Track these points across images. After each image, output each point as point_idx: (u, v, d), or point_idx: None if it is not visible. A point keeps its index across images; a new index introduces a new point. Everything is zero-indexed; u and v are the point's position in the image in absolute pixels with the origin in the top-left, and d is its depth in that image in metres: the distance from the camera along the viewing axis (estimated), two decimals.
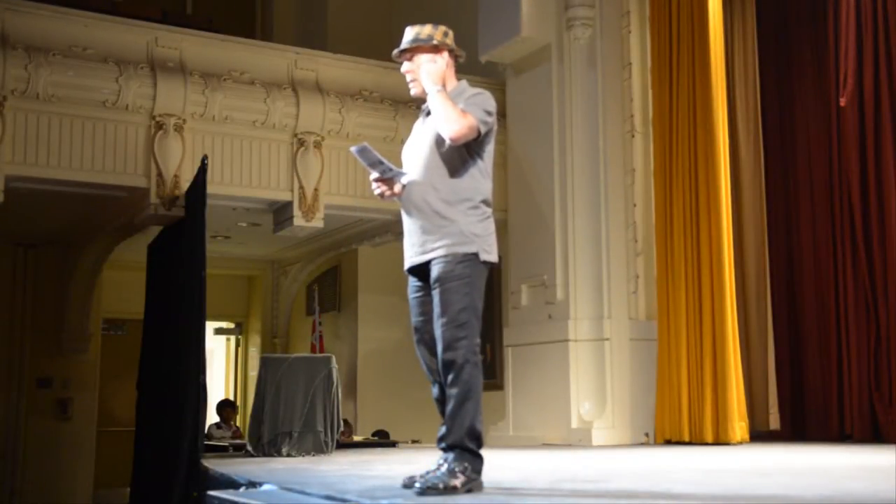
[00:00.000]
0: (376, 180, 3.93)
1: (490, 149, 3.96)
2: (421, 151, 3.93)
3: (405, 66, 4.04)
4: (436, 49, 4.00)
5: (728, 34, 9.05)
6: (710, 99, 8.19)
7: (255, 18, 13.68)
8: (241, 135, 8.68)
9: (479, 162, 3.91)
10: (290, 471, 5.44)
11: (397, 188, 3.93)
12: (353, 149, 3.91)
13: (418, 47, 4.00)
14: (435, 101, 3.86)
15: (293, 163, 8.83)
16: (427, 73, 3.93)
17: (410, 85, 4.05)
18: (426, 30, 4.01)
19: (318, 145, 8.92)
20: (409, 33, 4.03)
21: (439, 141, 3.86)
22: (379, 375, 11.15)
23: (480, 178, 3.90)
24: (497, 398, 9.06)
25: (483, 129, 3.85)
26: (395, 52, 4.06)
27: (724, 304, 7.92)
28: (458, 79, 4.06)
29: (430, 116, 3.99)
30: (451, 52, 4.03)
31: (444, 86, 3.93)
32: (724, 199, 8.07)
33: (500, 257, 4.10)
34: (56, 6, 8.23)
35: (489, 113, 3.88)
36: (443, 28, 4.04)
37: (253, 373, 11.80)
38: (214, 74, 8.54)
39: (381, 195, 3.96)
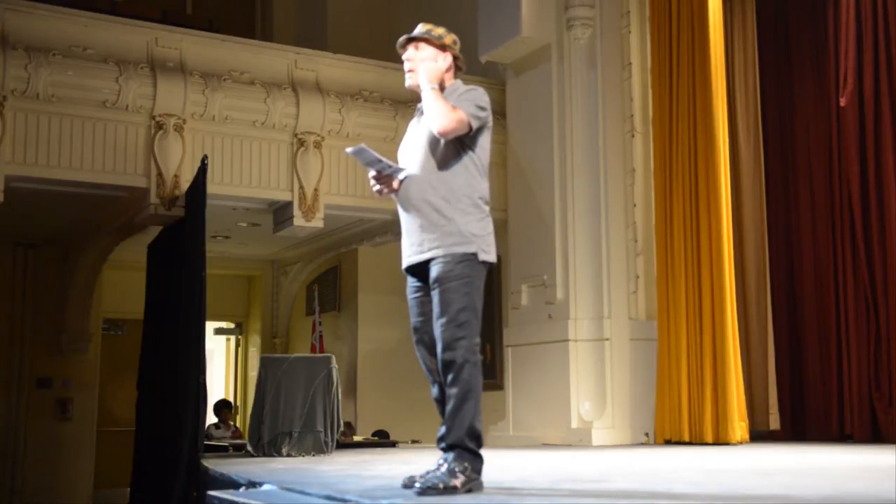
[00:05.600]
0: (374, 178, 3.93)
1: (486, 146, 3.96)
2: (417, 151, 3.93)
3: (408, 53, 4.03)
4: (442, 48, 4.01)
5: (728, 34, 9.05)
6: (710, 99, 8.19)
7: (255, 18, 13.68)
8: (241, 135, 8.68)
9: (476, 160, 3.90)
10: (290, 471, 5.44)
11: (396, 184, 3.93)
12: (349, 150, 3.91)
13: (427, 40, 4.00)
14: (427, 97, 3.87)
15: (293, 163, 8.84)
16: (425, 69, 3.94)
17: (407, 75, 4.04)
18: (439, 29, 4.04)
19: (318, 145, 8.92)
20: (422, 27, 4.05)
21: (435, 140, 3.86)
22: (379, 375, 11.15)
23: (478, 176, 3.90)
24: (497, 398, 9.06)
25: (475, 124, 3.85)
26: (403, 38, 4.05)
27: (724, 304, 7.91)
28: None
29: (424, 116, 4.00)
30: (455, 57, 4.04)
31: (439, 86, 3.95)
32: (724, 199, 8.07)
33: (499, 257, 4.11)
34: (56, 6, 8.24)
35: (482, 108, 3.88)
36: (454, 35, 4.07)
37: (253, 373, 11.80)
38: (214, 74, 8.55)
39: (380, 192, 3.96)
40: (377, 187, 3.95)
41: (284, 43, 10.55)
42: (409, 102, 9.07)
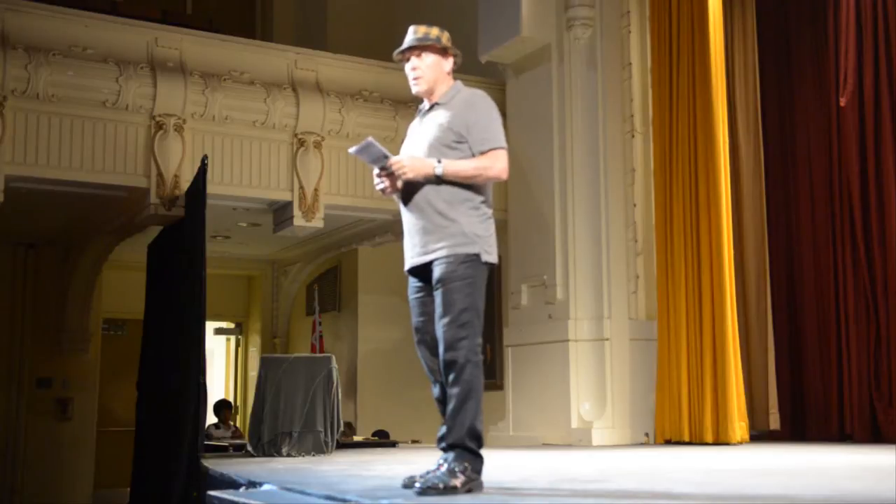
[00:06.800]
0: (379, 175, 3.92)
1: None
2: (420, 152, 3.92)
3: (412, 63, 4.01)
4: (444, 52, 4.01)
5: (728, 34, 9.05)
6: (710, 99, 8.19)
7: (255, 18, 13.69)
8: (241, 135, 8.68)
9: None
10: (290, 471, 5.44)
11: (400, 183, 3.91)
12: (352, 150, 3.90)
13: (429, 46, 4.00)
14: (458, 175, 3.80)
15: (293, 163, 8.84)
16: (413, 169, 3.81)
17: (414, 82, 4.03)
18: (434, 31, 4.02)
19: (318, 145, 8.92)
20: (417, 32, 4.02)
21: (438, 142, 3.87)
22: (379, 375, 11.15)
23: None
24: (497, 398, 9.06)
25: (504, 142, 3.87)
26: (400, 49, 4.04)
27: (724, 304, 7.91)
28: (455, 79, 4.08)
29: (427, 117, 4.00)
30: (455, 56, 4.05)
31: (440, 98, 3.96)
32: (724, 199, 8.07)
33: (500, 257, 4.10)
34: (56, 6, 8.23)
35: (499, 120, 3.92)
36: (446, 32, 4.06)
37: (253, 373, 11.80)
38: (214, 74, 8.55)
39: (384, 191, 3.94)
40: (381, 185, 3.93)
41: (284, 43, 10.55)
42: (409, 102, 9.06)
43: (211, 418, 10.21)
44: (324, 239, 11.00)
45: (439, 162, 3.80)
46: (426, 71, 3.98)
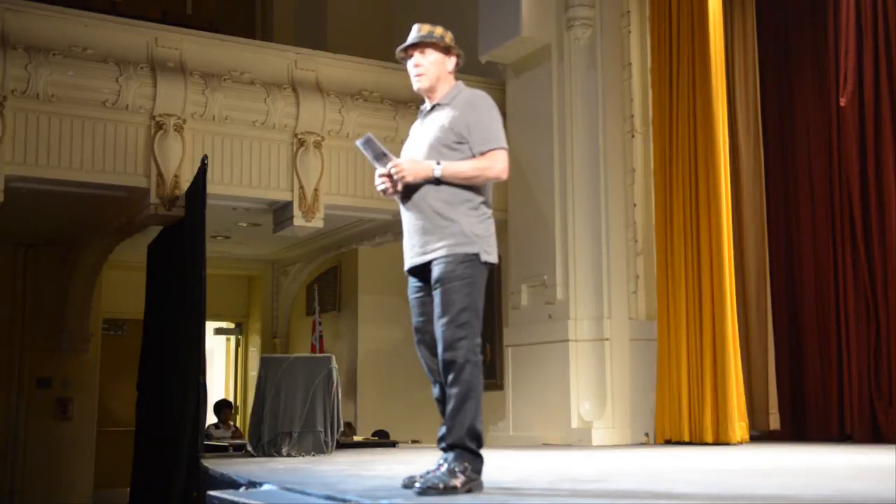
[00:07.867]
0: (382, 175, 3.91)
1: None
2: (420, 153, 3.93)
3: (416, 59, 4.00)
4: (446, 50, 4.01)
5: (728, 34, 9.05)
6: (710, 99, 8.19)
7: (255, 18, 13.70)
8: (241, 135, 8.68)
9: None
10: (290, 471, 5.44)
11: (400, 185, 3.90)
12: (358, 142, 3.91)
13: (432, 43, 4.00)
14: (457, 177, 3.80)
15: (293, 163, 8.84)
16: (413, 171, 3.82)
17: (416, 79, 4.02)
18: (438, 30, 4.02)
19: (318, 145, 8.92)
20: (421, 30, 4.02)
21: (438, 143, 3.87)
22: (379, 375, 11.16)
23: None
24: (497, 398, 9.06)
25: (505, 142, 3.87)
26: (403, 46, 4.04)
27: (724, 304, 7.91)
28: (457, 79, 4.08)
29: (428, 118, 4.00)
30: (458, 56, 4.05)
31: (441, 98, 3.96)
32: (724, 200, 8.07)
33: (499, 257, 4.10)
34: (56, 6, 8.24)
35: (500, 120, 3.93)
36: (449, 32, 4.06)
37: (253, 373, 11.80)
38: (214, 74, 8.55)
39: (385, 192, 3.94)
40: (383, 186, 3.92)
41: (284, 43, 10.57)
42: (409, 102, 9.07)
43: (211, 418, 10.21)
44: (324, 239, 11.01)
45: (438, 164, 3.80)
46: (429, 68, 3.98)
